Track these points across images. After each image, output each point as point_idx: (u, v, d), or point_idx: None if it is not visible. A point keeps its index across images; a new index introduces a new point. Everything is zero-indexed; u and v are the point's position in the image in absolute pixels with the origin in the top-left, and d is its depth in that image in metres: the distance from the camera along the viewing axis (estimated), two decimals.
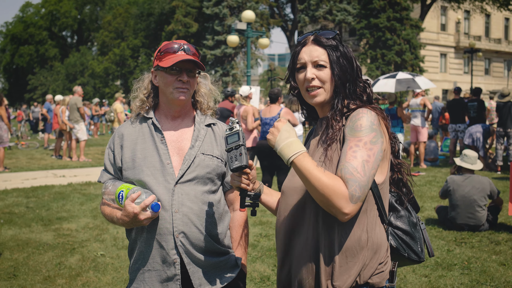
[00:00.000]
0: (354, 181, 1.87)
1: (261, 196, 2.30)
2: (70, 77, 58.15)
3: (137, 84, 2.58)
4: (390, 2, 37.20)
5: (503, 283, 5.15)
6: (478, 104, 13.49)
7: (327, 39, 2.10)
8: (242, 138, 2.12)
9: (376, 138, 1.96)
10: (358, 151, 1.92)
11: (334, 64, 2.07)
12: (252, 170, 2.17)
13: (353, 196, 1.86)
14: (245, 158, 2.09)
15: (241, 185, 2.14)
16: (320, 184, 1.86)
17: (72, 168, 14.11)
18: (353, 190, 1.86)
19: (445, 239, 6.74)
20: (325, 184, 1.86)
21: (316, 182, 1.87)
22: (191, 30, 42.70)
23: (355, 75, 2.11)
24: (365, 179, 1.89)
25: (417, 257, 2.16)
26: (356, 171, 1.88)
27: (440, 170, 13.02)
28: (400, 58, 37.22)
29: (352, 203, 1.86)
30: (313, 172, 1.88)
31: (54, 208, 8.68)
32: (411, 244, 2.14)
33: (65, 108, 15.89)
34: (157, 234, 2.34)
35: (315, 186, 1.87)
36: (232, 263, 2.52)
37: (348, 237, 1.97)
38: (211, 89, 2.62)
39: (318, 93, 2.09)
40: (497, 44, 55.22)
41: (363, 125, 1.96)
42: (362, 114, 1.99)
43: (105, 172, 2.55)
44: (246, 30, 18.27)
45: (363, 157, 1.91)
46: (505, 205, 7.89)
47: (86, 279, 5.37)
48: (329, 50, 2.08)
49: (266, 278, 5.35)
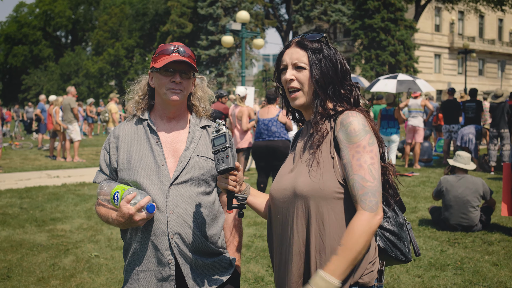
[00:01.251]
0: (366, 193, 1.92)
1: (248, 198, 2.32)
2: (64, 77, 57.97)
3: (133, 85, 2.60)
4: (384, 3, 37.29)
5: (495, 283, 5.18)
6: (477, 104, 13.53)
7: (311, 42, 2.13)
8: (229, 140, 2.14)
9: (372, 139, 2.00)
10: (361, 158, 1.96)
11: (314, 67, 2.09)
12: (239, 172, 2.18)
13: (372, 207, 1.92)
14: (232, 160, 2.11)
15: (228, 187, 2.15)
16: (358, 247, 1.90)
17: (66, 169, 14.08)
18: (368, 202, 1.92)
19: (438, 240, 6.77)
20: (359, 241, 1.89)
21: (357, 252, 1.90)
22: (186, 30, 42.70)
23: (339, 77, 2.12)
24: (376, 183, 1.94)
25: (404, 257, 2.19)
26: (365, 181, 1.93)
27: (434, 171, 13.07)
28: (394, 58, 37.32)
29: (374, 212, 1.92)
30: (347, 259, 1.89)
31: (48, 209, 8.67)
32: (398, 245, 2.17)
33: (59, 108, 15.85)
34: (152, 235, 2.36)
35: (360, 253, 1.91)
36: (226, 264, 2.53)
37: (339, 238, 1.99)
38: (206, 91, 2.64)
39: (297, 95, 2.13)
40: (491, 45, 55.42)
41: (357, 129, 1.99)
42: (352, 117, 2.01)
43: (100, 173, 2.56)
44: (240, 31, 18.27)
45: (367, 162, 1.95)
46: (498, 206, 7.93)
47: (80, 280, 5.36)
48: (310, 53, 2.11)
49: (260, 278, 5.36)
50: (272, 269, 2.28)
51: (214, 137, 2.18)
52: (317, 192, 1.99)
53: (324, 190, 1.99)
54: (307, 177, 2.02)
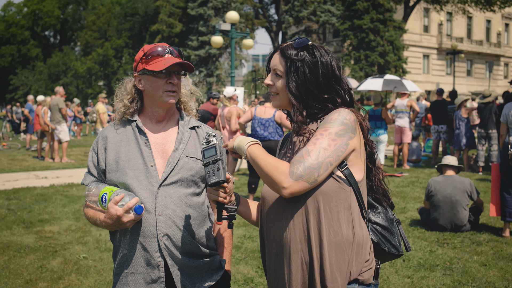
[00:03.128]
0: (299, 162, 1.97)
1: (238, 207, 2.34)
2: (53, 77, 57.57)
3: (120, 89, 2.56)
4: (373, 4, 37.40)
5: (484, 283, 5.20)
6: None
7: (295, 49, 2.14)
8: (220, 152, 2.15)
9: (344, 132, 2.02)
10: (319, 139, 2.00)
11: (290, 76, 2.13)
12: (229, 183, 2.18)
13: (293, 173, 1.95)
14: (223, 173, 2.10)
15: (218, 199, 2.15)
16: (266, 164, 2.02)
17: (54, 170, 13.98)
18: (295, 168, 1.96)
19: (427, 240, 6.79)
20: (270, 163, 2.02)
21: (263, 163, 2.03)
22: (175, 30, 42.56)
23: (321, 84, 2.12)
24: (315, 162, 1.96)
25: (396, 251, 2.25)
26: (308, 154, 1.97)
27: (422, 171, 13.12)
28: (383, 59, 37.44)
29: (292, 179, 1.95)
30: (262, 156, 2.06)
31: (36, 210, 8.60)
32: (390, 239, 2.23)
33: (47, 108, 15.73)
34: (140, 237, 2.34)
35: (261, 166, 2.03)
36: (216, 265, 2.52)
37: (336, 233, 2.01)
38: (191, 89, 2.64)
39: (275, 98, 2.22)
40: (479, 46, 55.79)
41: (334, 118, 2.04)
42: (338, 111, 2.07)
43: (88, 174, 2.54)
44: (230, 31, 18.25)
45: (322, 145, 1.98)
46: (486, 206, 7.97)
47: (68, 282, 5.32)
48: (288, 61, 2.13)
49: (250, 280, 5.34)
50: (264, 272, 2.27)
51: (204, 148, 2.16)
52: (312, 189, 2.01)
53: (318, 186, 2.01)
54: None
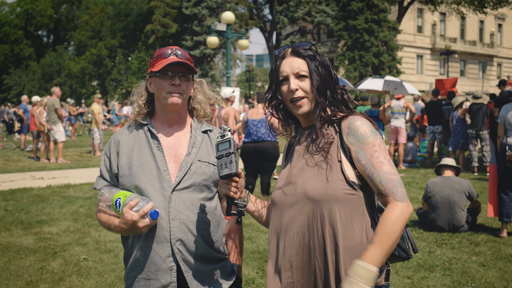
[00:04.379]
0: (395, 185, 2.02)
1: (248, 205, 2.33)
2: (46, 77, 57.31)
3: (135, 90, 2.57)
4: (368, 4, 37.49)
5: (483, 283, 5.24)
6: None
7: (304, 50, 2.17)
8: (233, 146, 2.15)
9: (381, 140, 2.11)
10: (380, 156, 2.05)
11: (314, 74, 2.13)
12: (240, 178, 2.20)
13: (403, 198, 2.01)
14: (235, 166, 2.12)
15: (229, 193, 2.16)
16: (393, 235, 1.96)
17: (50, 170, 13.94)
18: (400, 193, 2.01)
19: (426, 240, 6.83)
20: (394, 229, 1.96)
21: (392, 241, 1.96)
22: (170, 30, 42.49)
23: (333, 82, 2.18)
24: (398, 176, 2.06)
25: (406, 254, 2.25)
26: (391, 174, 2.03)
27: (418, 171, 13.17)
28: (377, 59, 37.54)
29: (406, 202, 2.01)
30: (383, 247, 1.95)
31: (34, 211, 8.58)
32: (400, 243, 2.23)
33: (43, 109, 15.68)
34: (154, 242, 2.34)
35: (395, 241, 1.97)
36: (228, 270, 2.53)
37: (351, 239, 2.03)
38: (207, 94, 2.61)
39: (302, 103, 2.15)
40: (472, 46, 56.03)
41: (367, 131, 2.09)
42: (359, 121, 2.11)
43: (100, 178, 2.53)
44: (226, 31, 18.27)
45: (386, 158, 2.06)
46: (483, 207, 8.03)
47: (70, 283, 5.32)
48: (308, 60, 2.15)
49: (251, 281, 5.36)
50: (269, 276, 2.22)
51: (218, 142, 2.19)
52: (327, 195, 2.03)
53: (335, 193, 2.03)
54: (317, 181, 2.06)
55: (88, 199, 9.62)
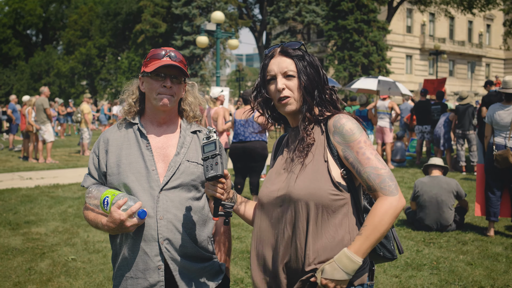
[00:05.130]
0: (383, 180, 2.02)
1: (235, 206, 2.34)
2: (35, 76, 56.92)
3: (126, 87, 2.58)
4: (357, 4, 37.55)
5: (470, 282, 5.28)
6: (442, 107, 13.92)
7: (293, 50, 2.18)
8: (219, 148, 2.16)
9: (367, 136, 2.11)
10: (366, 152, 2.06)
11: (301, 74, 2.14)
12: (227, 179, 2.21)
13: (393, 191, 2.01)
14: (221, 167, 2.12)
15: (216, 194, 2.17)
16: (381, 227, 1.98)
17: (39, 170, 13.87)
18: (388, 187, 2.02)
19: (414, 240, 6.87)
20: (381, 222, 1.98)
21: (380, 233, 1.99)
22: (160, 30, 42.39)
23: (322, 82, 2.19)
24: (387, 169, 2.06)
25: (391, 255, 2.26)
26: (379, 169, 2.04)
27: (407, 171, 13.24)
28: (367, 59, 37.63)
29: (397, 195, 2.01)
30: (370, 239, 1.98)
31: (22, 212, 8.53)
32: (385, 243, 2.24)
33: (31, 108, 15.60)
34: (142, 241, 2.35)
35: (382, 230, 1.99)
36: (216, 269, 2.54)
37: (333, 239, 2.04)
38: (198, 97, 2.63)
39: (288, 101, 2.16)
40: (461, 46, 56.37)
41: (352, 128, 2.10)
42: (344, 119, 2.12)
43: (89, 176, 2.54)
44: (215, 31, 18.25)
45: (372, 154, 2.07)
46: (471, 206, 8.09)
47: (58, 284, 5.30)
48: (296, 60, 2.16)
49: (240, 280, 5.37)
50: (253, 273, 2.24)
51: (204, 143, 2.20)
52: (312, 195, 2.03)
53: (319, 193, 2.03)
54: (302, 181, 2.07)
55: (77, 199, 9.58)
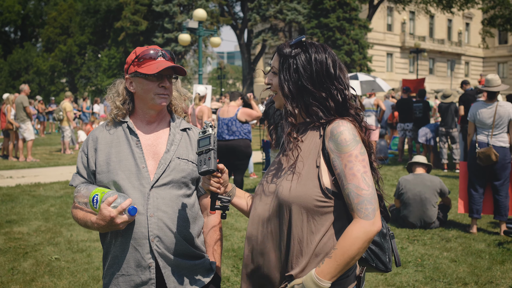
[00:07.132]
0: (361, 202, 1.94)
1: (233, 199, 2.32)
2: (13, 74, 56.17)
3: (111, 90, 2.54)
4: (339, 3, 37.67)
5: (455, 279, 5.33)
6: (424, 105, 14.02)
7: (290, 47, 2.13)
8: (213, 143, 2.14)
9: (363, 149, 2.02)
10: (354, 167, 1.97)
11: (282, 73, 2.11)
12: (223, 174, 2.19)
13: (368, 215, 1.93)
14: (214, 162, 2.12)
15: (211, 188, 2.16)
16: (351, 252, 1.91)
17: (19, 169, 13.69)
18: (364, 210, 1.93)
19: (398, 237, 6.92)
20: (352, 247, 1.91)
21: (349, 257, 1.92)
22: (140, 28, 42.09)
23: (317, 83, 2.07)
24: (371, 190, 1.96)
25: (384, 267, 2.19)
26: (360, 189, 1.94)
27: (389, 169, 13.32)
28: (349, 58, 37.80)
29: (371, 220, 1.93)
30: (339, 263, 1.92)
31: (3, 211, 8.41)
32: (380, 255, 2.18)
33: (10, 106, 15.39)
34: (132, 239, 2.33)
35: (353, 258, 1.92)
36: (207, 267, 2.53)
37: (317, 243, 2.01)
38: (181, 92, 2.62)
39: (275, 98, 2.17)
40: (441, 45, 56.95)
41: (347, 139, 1.99)
42: (342, 127, 2.02)
43: (77, 175, 2.51)
44: (197, 29, 18.16)
45: (360, 171, 1.96)
46: (453, 203, 8.16)
47: (42, 284, 5.23)
48: (282, 58, 2.12)
49: (226, 279, 5.36)
50: (244, 269, 2.23)
51: (200, 138, 2.19)
52: (298, 199, 2.00)
53: (306, 198, 2.00)
54: (289, 184, 2.04)
55: (59, 198, 9.48)
